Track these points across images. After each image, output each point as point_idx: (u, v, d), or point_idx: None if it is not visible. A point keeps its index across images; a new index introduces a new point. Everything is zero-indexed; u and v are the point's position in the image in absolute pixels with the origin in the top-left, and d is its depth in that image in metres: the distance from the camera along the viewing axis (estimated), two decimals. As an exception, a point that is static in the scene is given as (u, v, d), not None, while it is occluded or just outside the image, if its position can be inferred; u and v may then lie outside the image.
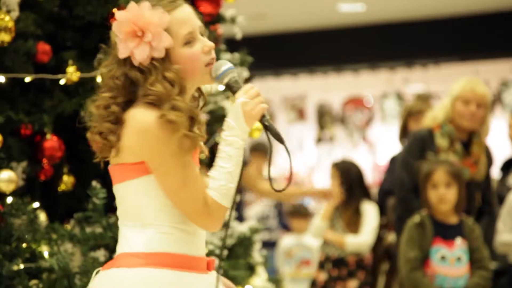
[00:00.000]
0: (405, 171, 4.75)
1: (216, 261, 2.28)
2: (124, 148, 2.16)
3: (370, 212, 5.50)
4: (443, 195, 4.36)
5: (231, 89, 2.21)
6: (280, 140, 2.19)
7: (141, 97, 2.15)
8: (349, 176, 5.58)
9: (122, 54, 2.15)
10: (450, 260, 4.32)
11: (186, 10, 2.21)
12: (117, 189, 2.22)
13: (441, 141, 4.68)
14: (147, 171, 2.15)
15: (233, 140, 2.16)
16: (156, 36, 2.13)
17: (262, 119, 2.19)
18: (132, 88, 2.17)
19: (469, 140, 4.73)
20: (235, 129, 2.17)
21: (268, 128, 2.19)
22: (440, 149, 4.67)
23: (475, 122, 4.67)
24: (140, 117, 2.13)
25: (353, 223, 5.47)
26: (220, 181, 2.15)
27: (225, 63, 2.21)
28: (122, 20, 2.15)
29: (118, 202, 2.23)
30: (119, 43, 2.15)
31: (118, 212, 2.24)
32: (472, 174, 4.70)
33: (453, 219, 4.42)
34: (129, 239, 2.19)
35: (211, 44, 2.21)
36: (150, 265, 2.14)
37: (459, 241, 4.34)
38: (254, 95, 2.18)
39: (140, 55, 2.13)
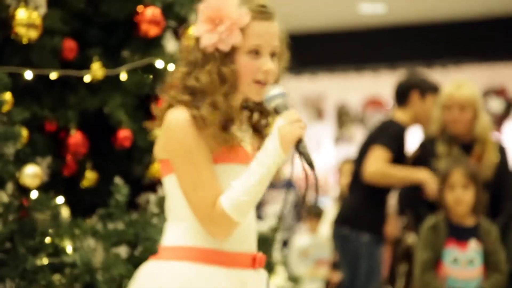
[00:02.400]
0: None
1: (264, 258, 2.27)
2: (157, 143, 2.23)
3: None
4: (459, 197, 4.35)
5: (277, 113, 2.21)
6: (312, 167, 2.16)
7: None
8: None
9: (195, 32, 2.20)
10: (462, 262, 4.30)
11: (270, 26, 2.25)
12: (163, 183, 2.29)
13: (441, 148, 4.71)
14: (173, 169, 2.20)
15: (263, 160, 2.15)
16: (228, 29, 2.17)
17: (297, 144, 2.17)
18: None
19: (472, 141, 4.74)
20: (268, 149, 2.16)
21: (301, 154, 2.17)
22: (440, 156, 4.69)
23: (461, 127, 4.68)
24: (170, 116, 2.18)
25: None
26: (235, 192, 2.15)
27: (277, 88, 2.22)
28: (207, 3, 2.20)
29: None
30: (198, 23, 2.20)
31: (166, 206, 2.30)
32: None
33: (469, 221, 4.40)
34: (166, 234, 2.25)
35: (272, 67, 2.22)
36: (178, 259, 2.17)
37: (473, 244, 4.32)
38: (294, 120, 2.17)
39: (207, 40, 2.17)
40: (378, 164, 4.70)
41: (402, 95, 4.98)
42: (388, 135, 4.81)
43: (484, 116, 4.74)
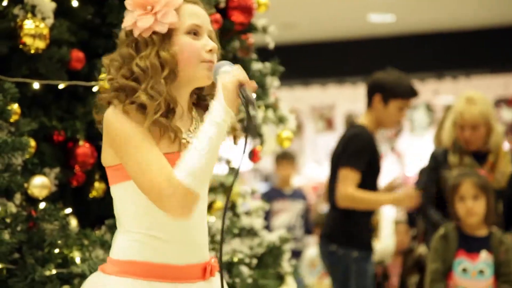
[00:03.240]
0: (419, 187, 4.82)
1: (216, 265, 2.20)
2: (104, 148, 2.16)
3: (383, 216, 5.53)
4: (470, 208, 4.32)
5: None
6: (253, 105, 2.06)
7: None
8: None
9: (126, 23, 2.14)
10: (472, 273, 4.27)
11: (201, 10, 2.20)
12: (111, 191, 2.21)
13: (452, 158, 4.69)
14: (126, 177, 2.11)
15: (209, 118, 2.05)
16: (163, 9, 2.11)
17: (240, 90, 2.08)
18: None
19: (485, 151, 4.72)
20: (215, 108, 2.06)
21: (244, 98, 2.06)
22: (451, 166, 4.68)
23: (474, 144, 4.69)
24: (106, 113, 2.12)
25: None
26: (187, 160, 2.03)
27: (226, 63, 2.15)
28: None
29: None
30: (126, 14, 2.15)
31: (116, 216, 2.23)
32: None
33: (481, 232, 4.37)
34: (113, 244, 2.19)
35: (215, 45, 2.17)
36: (120, 274, 2.11)
37: (484, 254, 4.29)
38: (234, 71, 2.10)
39: (143, 24, 2.11)
40: (347, 189, 4.60)
41: (368, 98, 4.88)
42: (353, 153, 4.69)
43: (497, 127, 4.73)
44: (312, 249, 7.24)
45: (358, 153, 4.69)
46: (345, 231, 4.69)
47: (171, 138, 2.12)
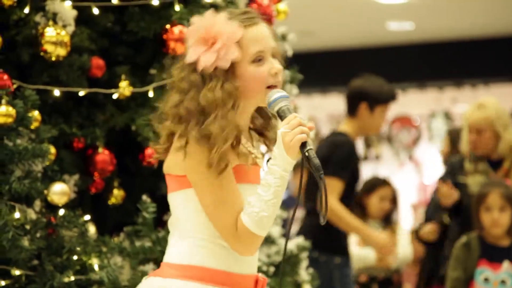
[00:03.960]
0: (435, 195, 4.81)
1: (266, 280, 2.27)
2: (172, 158, 2.21)
3: (399, 225, 5.55)
4: (496, 219, 4.30)
5: (281, 117, 2.19)
6: (318, 171, 2.14)
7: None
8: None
9: (189, 58, 2.17)
10: (494, 282, 4.25)
11: (262, 29, 2.22)
12: (168, 198, 2.26)
13: (468, 165, 4.70)
14: (189, 184, 2.18)
15: (274, 169, 2.13)
16: (225, 46, 2.14)
17: (302, 149, 2.15)
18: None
19: (500, 158, 4.72)
20: (277, 158, 2.14)
21: (308, 159, 2.15)
22: (467, 173, 4.68)
23: (480, 149, 4.69)
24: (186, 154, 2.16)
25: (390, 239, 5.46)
26: (254, 208, 2.13)
27: (279, 91, 2.20)
28: (196, 26, 2.18)
29: (171, 211, 2.27)
30: (189, 47, 2.18)
31: (169, 222, 2.27)
32: None
33: (504, 242, 4.35)
34: (170, 249, 2.23)
35: (280, 67, 2.21)
36: (184, 278, 2.15)
37: (506, 265, 4.27)
38: (295, 125, 2.13)
39: (206, 61, 2.15)
40: (331, 201, 4.60)
41: (351, 106, 4.88)
42: (339, 162, 4.70)
43: (507, 134, 4.72)
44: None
45: (344, 162, 4.73)
46: (327, 237, 4.68)
47: (243, 165, 2.21)
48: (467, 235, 4.41)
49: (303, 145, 2.14)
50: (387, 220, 5.57)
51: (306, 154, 2.14)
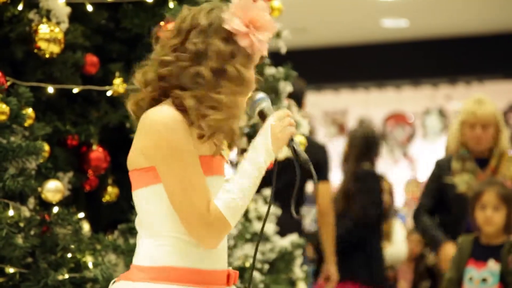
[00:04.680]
0: (423, 196, 4.82)
1: (237, 274, 2.23)
2: (134, 150, 2.14)
3: (397, 223, 5.53)
4: (489, 217, 4.31)
5: (264, 117, 2.17)
6: (307, 165, 2.13)
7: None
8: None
9: (234, 26, 2.08)
10: (475, 281, 4.26)
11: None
12: (133, 196, 2.19)
13: (455, 165, 4.69)
14: (156, 178, 2.09)
15: (256, 160, 2.10)
16: (265, 40, 2.11)
17: (290, 143, 2.15)
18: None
19: (487, 156, 4.72)
20: (260, 149, 2.11)
21: (296, 153, 2.15)
22: (454, 172, 4.68)
23: (483, 145, 4.68)
24: (152, 115, 2.08)
25: (386, 236, 5.46)
26: (231, 194, 2.07)
27: (257, 94, 2.19)
28: (250, 5, 2.10)
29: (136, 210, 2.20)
30: (230, 17, 2.08)
31: (135, 222, 2.20)
32: None
33: (496, 241, 4.35)
34: (138, 250, 2.16)
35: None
36: (153, 280, 2.08)
37: (491, 263, 4.27)
38: (285, 118, 2.14)
39: (243, 41, 2.08)
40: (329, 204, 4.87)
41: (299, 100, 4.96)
42: (328, 166, 4.93)
43: (505, 131, 4.74)
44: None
45: (330, 165, 4.95)
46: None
47: (212, 156, 2.15)
48: (463, 236, 4.42)
49: (291, 139, 2.15)
50: (385, 216, 5.55)
51: (295, 146, 2.14)
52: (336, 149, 10.85)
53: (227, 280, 2.18)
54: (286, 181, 3.04)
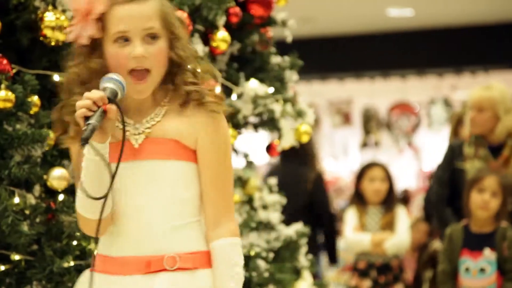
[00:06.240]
0: (435, 183, 4.80)
1: (172, 261, 2.13)
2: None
3: (402, 212, 5.52)
4: (487, 202, 4.31)
5: (109, 99, 2.06)
6: (83, 141, 1.99)
7: None
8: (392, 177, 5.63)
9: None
10: (473, 271, 4.25)
11: (135, 8, 2.09)
12: None
13: (468, 150, 4.69)
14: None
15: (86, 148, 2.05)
16: (80, 22, 2.10)
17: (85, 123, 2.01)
18: None
19: (501, 144, 4.72)
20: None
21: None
22: (466, 158, 4.68)
23: (476, 127, 4.71)
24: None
25: (389, 225, 5.45)
26: (79, 191, 2.13)
27: (113, 75, 2.08)
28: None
29: None
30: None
31: None
32: None
33: (488, 229, 4.35)
34: None
35: (141, 52, 2.08)
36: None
37: (487, 252, 4.27)
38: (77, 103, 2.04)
39: (71, 35, 2.13)
40: None
41: None
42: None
43: (506, 119, 4.72)
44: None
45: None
46: None
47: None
48: (451, 226, 4.41)
49: (86, 119, 2.01)
50: (387, 205, 5.53)
51: (84, 128, 2.00)
52: (341, 138, 10.86)
53: (146, 267, 2.11)
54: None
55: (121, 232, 2.15)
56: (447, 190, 4.76)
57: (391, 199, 5.52)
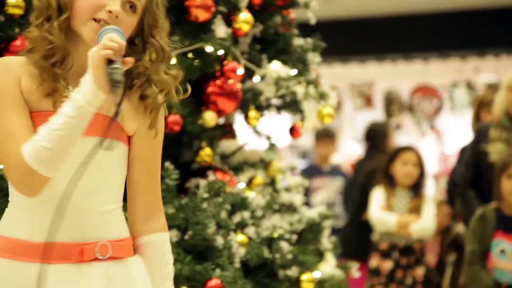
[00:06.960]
0: (461, 165, 4.77)
1: (104, 249, 1.97)
2: None
3: (429, 199, 5.52)
4: None
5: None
6: (115, 85, 1.82)
7: None
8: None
9: None
10: (509, 254, 4.23)
11: None
12: None
13: (493, 132, 4.64)
14: None
15: (74, 97, 1.84)
16: None
17: (108, 68, 1.83)
18: None
19: None
20: (82, 86, 1.85)
21: (109, 76, 1.83)
22: (490, 140, 4.63)
23: None
24: None
25: (416, 210, 5.44)
26: (37, 135, 1.85)
27: (112, 29, 1.89)
28: None
29: None
30: None
31: None
32: None
33: None
34: None
35: (118, 11, 1.94)
36: None
37: None
38: (103, 43, 1.85)
39: None
40: None
41: None
42: None
43: None
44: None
45: None
46: None
47: (50, 94, 1.93)
48: (483, 207, 4.39)
49: (110, 63, 1.84)
50: (416, 189, 5.53)
51: (109, 70, 1.82)
52: (362, 121, 10.83)
53: (78, 255, 1.94)
54: None
55: (48, 212, 1.91)
56: (473, 173, 4.73)
57: (421, 185, 5.52)
